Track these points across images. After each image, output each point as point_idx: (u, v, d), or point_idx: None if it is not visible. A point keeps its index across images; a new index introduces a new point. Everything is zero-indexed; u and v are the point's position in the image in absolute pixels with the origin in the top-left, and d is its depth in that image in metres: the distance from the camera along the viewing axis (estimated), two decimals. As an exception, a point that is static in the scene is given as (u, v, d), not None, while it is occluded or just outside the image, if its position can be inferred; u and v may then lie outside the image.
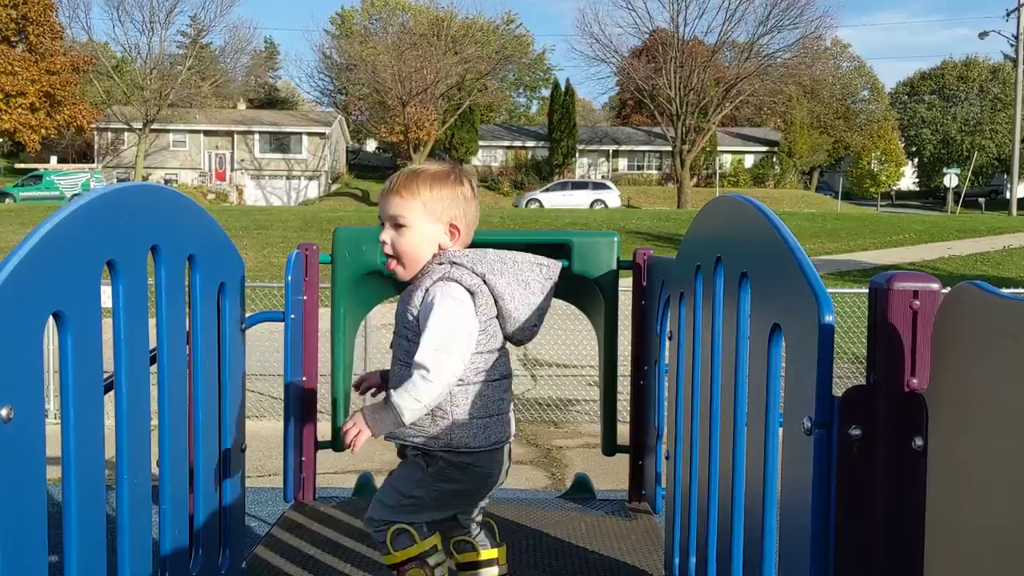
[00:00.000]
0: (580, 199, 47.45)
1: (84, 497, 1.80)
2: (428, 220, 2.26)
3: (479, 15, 63.18)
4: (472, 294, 2.22)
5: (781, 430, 1.67)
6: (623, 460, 3.56)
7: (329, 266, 3.34)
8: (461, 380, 2.22)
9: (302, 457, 3.36)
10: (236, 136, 55.23)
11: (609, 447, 3.58)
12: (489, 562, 2.45)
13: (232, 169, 54.77)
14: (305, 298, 3.17)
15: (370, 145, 71.45)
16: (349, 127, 61.65)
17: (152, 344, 2.20)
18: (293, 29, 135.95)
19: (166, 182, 45.12)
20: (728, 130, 60.26)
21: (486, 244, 3.68)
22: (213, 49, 60.05)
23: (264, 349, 7.63)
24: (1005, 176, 60.39)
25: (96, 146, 53.93)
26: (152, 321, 2.18)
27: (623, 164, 60.18)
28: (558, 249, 3.44)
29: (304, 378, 3.19)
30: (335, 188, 56.65)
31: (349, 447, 2.16)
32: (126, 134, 53.05)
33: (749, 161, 59.85)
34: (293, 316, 3.06)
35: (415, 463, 2.33)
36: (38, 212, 29.00)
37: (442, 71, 51.35)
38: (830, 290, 1.63)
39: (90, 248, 1.86)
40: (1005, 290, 1.20)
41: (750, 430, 1.88)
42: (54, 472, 1.61)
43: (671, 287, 2.81)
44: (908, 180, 71.01)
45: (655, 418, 3.19)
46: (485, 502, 2.46)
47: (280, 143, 55.80)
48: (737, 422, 1.97)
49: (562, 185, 50.18)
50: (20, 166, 51.45)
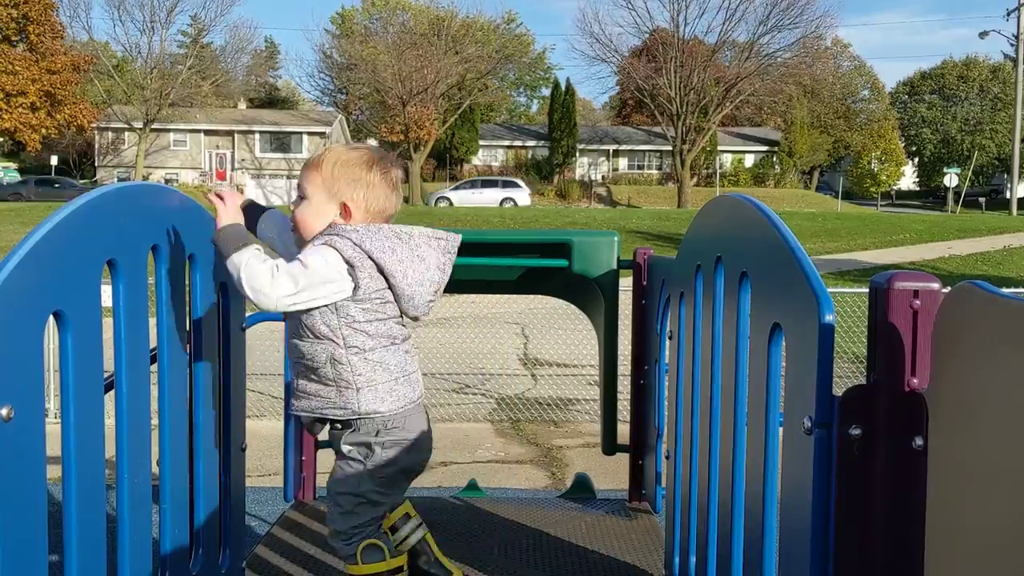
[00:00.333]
0: (490, 197, 46.74)
1: (84, 496, 1.80)
2: (324, 196, 2.30)
3: (479, 14, 63.11)
4: (352, 266, 2.21)
5: (781, 430, 1.67)
6: (623, 460, 3.56)
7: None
8: (358, 349, 2.23)
9: (302, 457, 3.37)
10: (236, 136, 55.21)
11: (609, 447, 3.58)
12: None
13: (233, 169, 54.75)
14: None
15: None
16: (349, 127, 61.58)
17: (152, 344, 2.20)
18: (294, 29, 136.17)
19: (167, 182, 45.05)
20: (728, 130, 60.22)
21: (486, 244, 3.66)
22: (214, 49, 60.05)
23: (264, 349, 7.62)
24: (1005, 176, 60.36)
25: (96, 145, 53.91)
26: (152, 321, 2.18)
27: (623, 163, 60.16)
28: (558, 249, 3.44)
29: (304, 378, 3.19)
30: (335, 188, 56.42)
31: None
32: (127, 133, 53.00)
33: (749, 161, 59.81)
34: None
35: (348, 462, 2.33)
36: (39, 211, 28.97)
37: (442, 70, 51.30)
38: (830, 290, 1.63)
39: (90, 247, 1.86)
40: (1005, 290, 1.19)
41: (750, 430, 1.88)
42: (54, 471, 1.61)
43: (671, 286, 2.81)
44: (908, 180, 70.92)
45: (655, 418, 3.19)
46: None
47: (280, 142, 55.77)
48: (737, 422, 1.97)
49: (471, 183, 49.73)
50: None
